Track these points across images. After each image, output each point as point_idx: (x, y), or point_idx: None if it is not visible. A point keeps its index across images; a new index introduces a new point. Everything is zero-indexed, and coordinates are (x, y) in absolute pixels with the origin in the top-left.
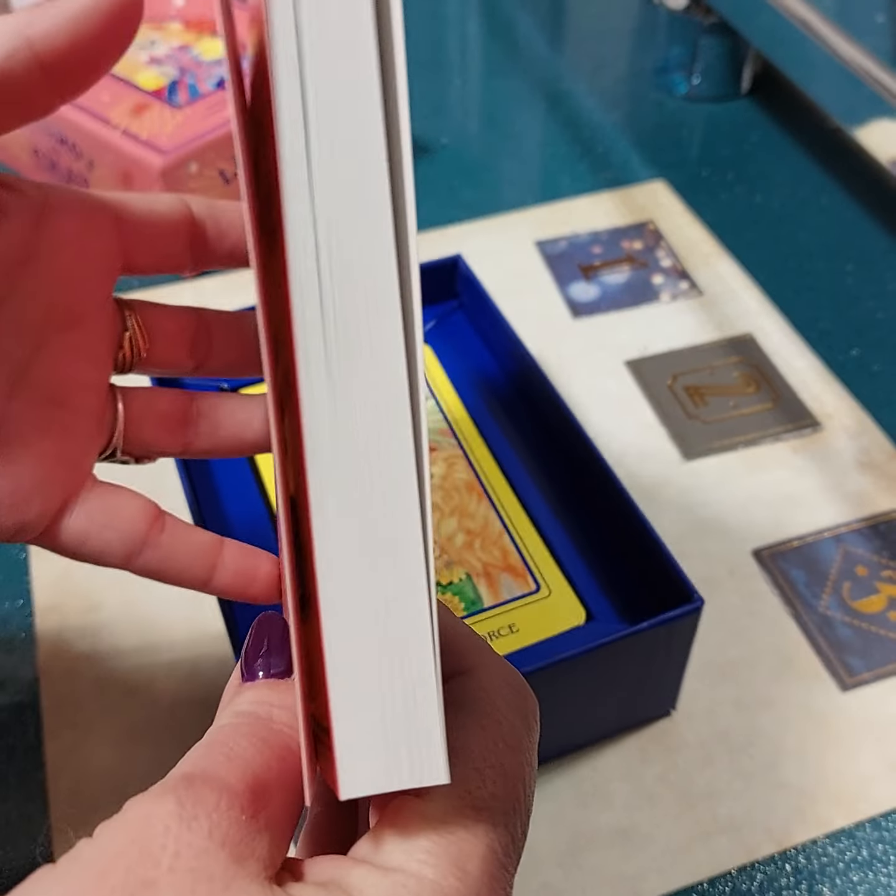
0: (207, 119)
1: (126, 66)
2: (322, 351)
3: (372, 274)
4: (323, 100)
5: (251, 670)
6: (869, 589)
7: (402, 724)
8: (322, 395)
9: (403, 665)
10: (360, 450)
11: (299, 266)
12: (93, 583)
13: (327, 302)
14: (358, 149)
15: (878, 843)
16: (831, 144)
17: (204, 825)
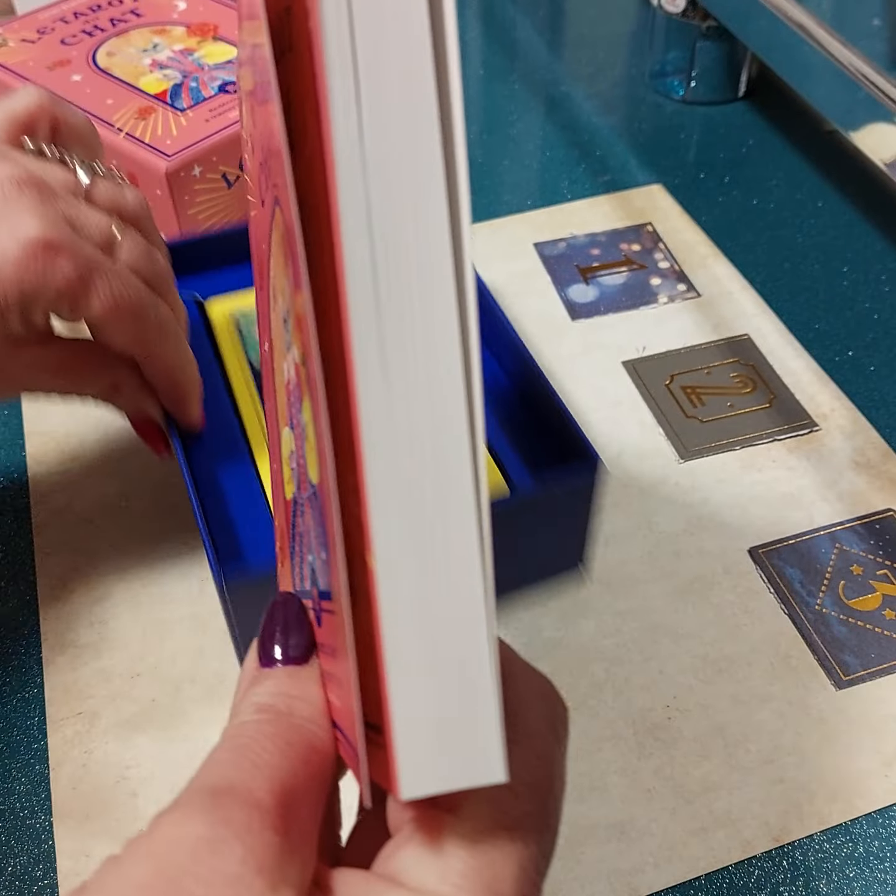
0: (211, 122)
1: (129, 70)
2: (377, 359)
3: (428, 281)
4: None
5: (268, 654)
6: (864, 587)
7: (461, 723)
8: (380, 400)
9: (462, 664)
10: (415, 452)
11: (353, 269)
12: (99, 574)
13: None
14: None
15: (874, 839)
16: (827, 147)
17: (237, 850)
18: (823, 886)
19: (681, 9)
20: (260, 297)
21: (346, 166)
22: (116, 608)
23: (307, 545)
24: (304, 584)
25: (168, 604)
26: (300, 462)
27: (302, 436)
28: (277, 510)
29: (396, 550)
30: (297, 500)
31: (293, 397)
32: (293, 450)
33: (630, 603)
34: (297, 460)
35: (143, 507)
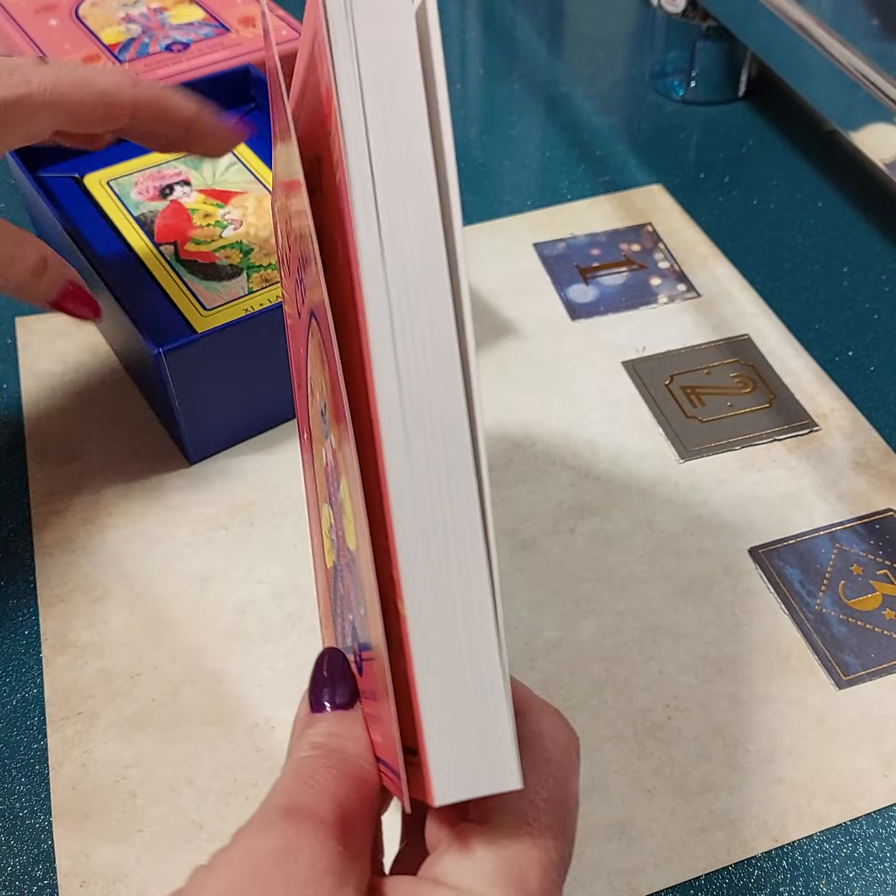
0: (139, 76)
1: (100, 21)
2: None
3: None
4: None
5: (319, 702)
6: (864, 587)
7: (481, 742)
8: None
9: (483, 696)
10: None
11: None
12: (99, 573)
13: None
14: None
15: (873, 839)
16: (827, 147)
17: (308, 856)
18: (823, 886)
19: (681, 9)
20: (299, 395)
21: (372, 289)
22: (116, 608)
23: (347, 606)
24: (346, 640)
25: (168, 604)
26: (339, 534)
27: (340, 511)
28: (319, 578)
29: (423, 598)
30: (337, 567)
31: (331, 478)
32: (332, 523)
33: (630, 603)
34: (336, 532)
35: (142, 507)
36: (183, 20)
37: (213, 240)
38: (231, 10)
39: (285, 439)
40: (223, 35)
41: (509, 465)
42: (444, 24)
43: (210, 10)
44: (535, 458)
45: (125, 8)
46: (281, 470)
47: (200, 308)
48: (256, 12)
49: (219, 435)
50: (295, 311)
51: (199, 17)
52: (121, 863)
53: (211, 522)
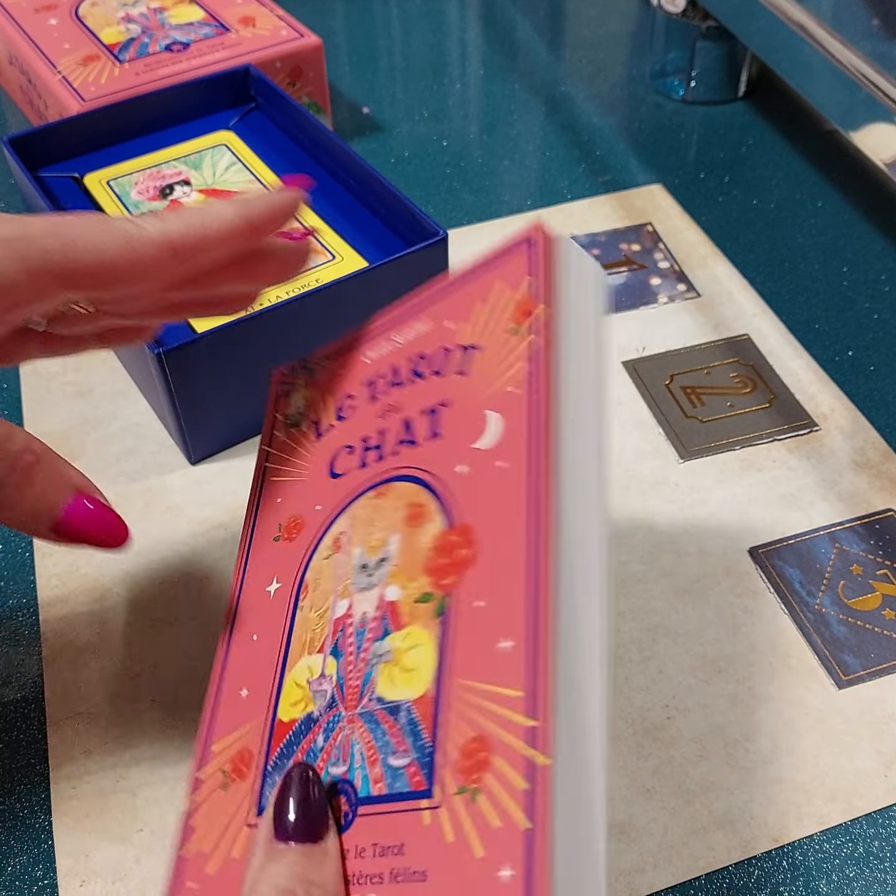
0: (140, 76)
1: (100, 20)
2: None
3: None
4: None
5: (283, 828)
6: (864, 587)
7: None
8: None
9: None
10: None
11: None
12: (99, 573)
13: None
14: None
15: (874, 839)
16: (827, 147)
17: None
18: (823, 886)
19: (681, 9)
20: (299, 542)
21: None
22: (116, 608)
23: (337, 756)
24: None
25: (168, 604)
26: (350, 683)
27: (369, 660)
28: (249, 733)
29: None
30: (318, 718)
31: (348, 629)
32: (329, 674)
33: (630, 603)
34: (348, 682)
35: (142, 507)
36: (183, 20)
37: None
38: (231, 10)
39: None
40: (223, 35)
41: None
42: (444, 24)
43: (210, 9)
44: None
45: (125, 8)
46: None
47: None
48: (256, 12)
49: (219, 435)
50: (326, 465)
51: (198, 17)
52: (120, 862)
53: (211, 522)
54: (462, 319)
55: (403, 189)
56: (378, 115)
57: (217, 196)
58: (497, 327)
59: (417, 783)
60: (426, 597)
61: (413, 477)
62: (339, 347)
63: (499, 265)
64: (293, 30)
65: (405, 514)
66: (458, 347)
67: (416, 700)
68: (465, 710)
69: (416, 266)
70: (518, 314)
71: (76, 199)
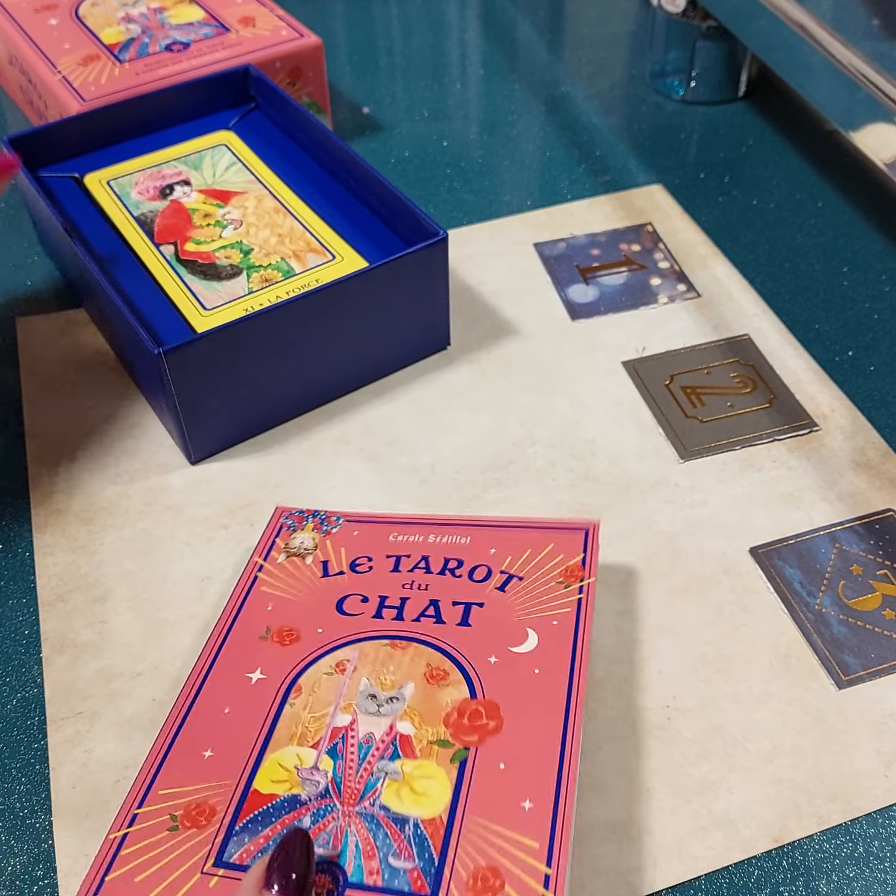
0: (140, 75)
1: (100, 20)
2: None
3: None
4: None
5: (269, 880)
6: (864, 587)
7: None
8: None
9: None
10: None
11: None
12: (99, 573)
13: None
14: None
15: (873, 839)
16: (827, 147)
17: None
18: (823, 886)
19: (681, 9)
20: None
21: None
22: (116, 607)
23: (326, 840)
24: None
25: (168, 603)
26: (349, 784)
27: (373, 771)
28: (213, 791)
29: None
30: (306, 801)
31: (371, 745)
32: (323, 769)
33: (630, 603)
34: (346, 782)
35: (142, 507)
36: (183, 20)
37: (213, 240)
38: (231, 10)
39: (285, 439)
40: (223, 35)
41: (509, 464)
42: (444, 24)
43: (210, 9)
44: (535, 459)
45: (125, 8)
46: (281, 470)
47: (200, 308)
48: (256, 12)
49: (219, 435)
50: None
51: (198, 17)
52: None
53: (211, 522)
54: (509, 554)
55: (403, 189)
56: (378, 115)
57: (217, 197)
58: (545, 575)
59: (420, 887)
60: (444, 743)
61: (438, 647)
62: (361, 517)
63: (558, 534)
64: (293, 30)
65: (425, 671)
66: (500, 572)
67: (427, 820)
68: (480, 843)
69: (417, 266)
70: (568, 575)
71: (76, 199)
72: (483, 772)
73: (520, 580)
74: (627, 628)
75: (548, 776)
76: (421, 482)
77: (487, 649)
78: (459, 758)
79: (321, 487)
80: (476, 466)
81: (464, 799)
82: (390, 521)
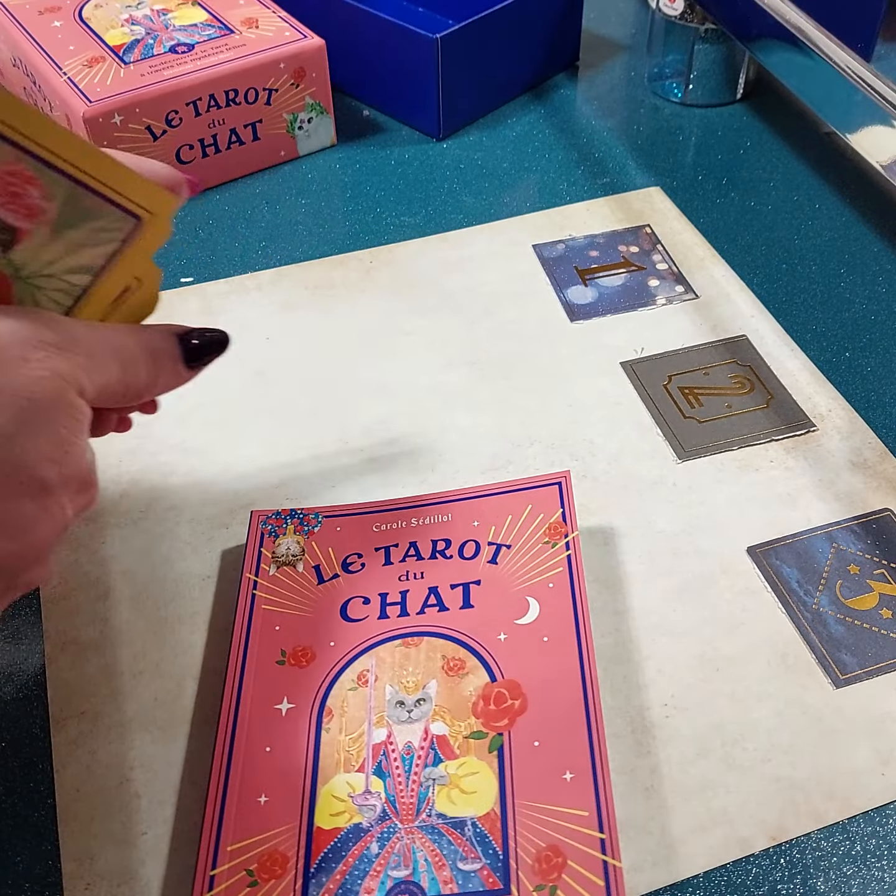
0: (146, 76)
1: (104, 22)
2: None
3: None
4: None
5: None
6: (861, 586)
7: None
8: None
9: None
10: None
11: None
12: (100, 572)
13: None
14: None
15: (871, 837)
16: (825, 149)
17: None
18: (821, 884)
19: (679, 11)
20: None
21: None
22: (118, 606)
23: (398, 862)
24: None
25: (169, 601)
26: (402, 801)
27: (422, 782)
28: (279, 837)
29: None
30: (369, 828)
31: (413, 755)
32: (375, 791)
33: (628, 602)
34: (400, 799)
35: (143, 507)
36: (186, 22)
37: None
38: (234, 12)
39: (286, 439)
40: (227, 36)
41: (509, 464)
42: None
43: (213, 11)
44: (535, 459)
45: (129, 10)
46: (281, 470)
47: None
48: (259, 14)
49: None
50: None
51: (202, 19)
52: (125, 865)
53: (211, 522)
54: (492, 524)
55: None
56: (380, 116)
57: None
58: (531, 538)
59: (492, 884)
60: (478, 734)
61: (448, 636)
62: (339, 510)
63: (533, 493)
64: (295, 30)
65: (443, 664)
66: (488, 543)
67: (482, 817)
68: (534, 825)
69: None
70: (552, 534)
71: None
72: (521, 754)
73: (508, 549)
74: (626, 627)
75: (581, 743)
76: (421, 482)
77: (495, 627)
78: (496, 745)
79: (321, 487)
80: (475, 466)
81: (510, 786)
82: (368, 511)
